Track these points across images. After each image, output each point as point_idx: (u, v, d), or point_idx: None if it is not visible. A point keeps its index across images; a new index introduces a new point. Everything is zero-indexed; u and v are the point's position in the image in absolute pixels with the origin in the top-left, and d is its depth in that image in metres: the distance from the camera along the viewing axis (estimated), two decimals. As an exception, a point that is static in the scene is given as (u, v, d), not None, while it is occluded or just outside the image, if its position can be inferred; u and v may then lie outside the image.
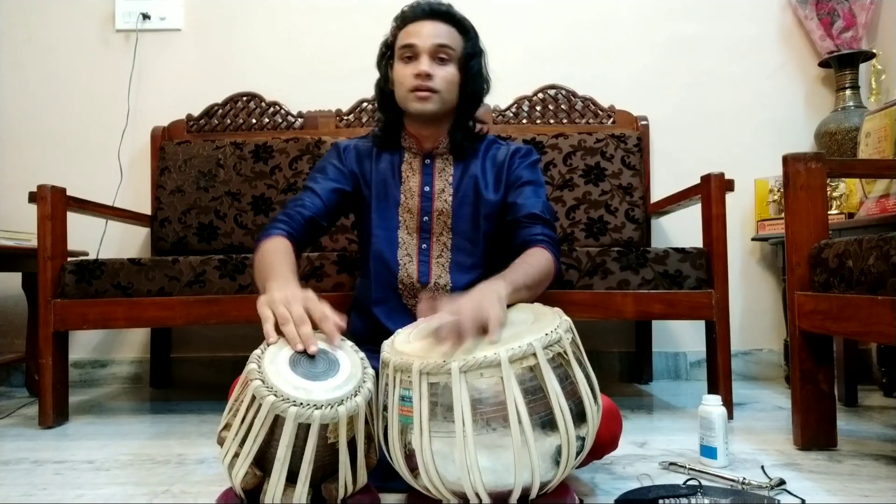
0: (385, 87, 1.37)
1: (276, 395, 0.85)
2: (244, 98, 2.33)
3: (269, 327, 0.95)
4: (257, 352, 0.92)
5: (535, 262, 1.19)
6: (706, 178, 1.69)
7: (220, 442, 0.92)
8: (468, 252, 1.34)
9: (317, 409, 0.85)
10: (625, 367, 2.33)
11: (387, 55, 1.37)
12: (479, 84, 1.36)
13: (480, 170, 1.37)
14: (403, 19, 1.33)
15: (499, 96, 2.27)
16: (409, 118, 1.36)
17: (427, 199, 1.35)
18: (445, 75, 1.30)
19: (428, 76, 1.27)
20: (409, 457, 0.89)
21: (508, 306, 1.03)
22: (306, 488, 0.88)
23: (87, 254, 2.23)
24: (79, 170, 2.35)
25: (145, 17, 2.38)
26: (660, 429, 1.57)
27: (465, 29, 1.34)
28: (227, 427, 0.92)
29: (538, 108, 2.29)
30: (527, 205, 1.31)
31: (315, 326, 0.97)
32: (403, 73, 1.30)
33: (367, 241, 1.37)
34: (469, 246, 1.34)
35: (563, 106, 2.29)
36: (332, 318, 0.98)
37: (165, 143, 2.26)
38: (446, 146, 1.37)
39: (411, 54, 1.29)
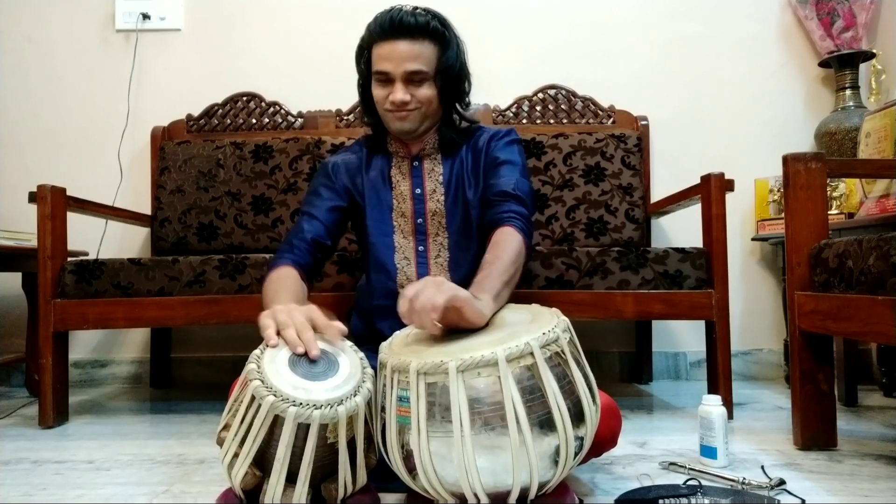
0: (366, 91, 1.34)
1: (275, 395, 0.85)
2: (244, 98, 2.33)
3: (269, 332, 0.95)
4: (256, 352, 0.92)
5: (502, 251, 1.16)
6: (706, 178, 1.69)
7: (220, 442, 0.92)
8: (464, 247, 1.34)
9: (316, 408, 0.85)
10: (625, 367, 2.33)
11: (364, 57, 1.32)
12: (460, 87, 1.34)
13: (466, 163, 1.37)
14: (373, 35, 1.27)
15: (499, 96, 2.28)
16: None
17: (419, 201, 1.35)
18: (422, 96, 1.27)
19: (404, 103, 1.26)
20: (407, 458, 0.89)
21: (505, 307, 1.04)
22: (306, 488, 0.88)
23: (87, 254, 2.23)
24: (79, 170, 2.35)
25: (145, 17, 2.38)
26: (660, 429, 1.57)
27: (438, 36, 1.26)
28: (226, 427, 0.92)
29: (538, 108, 2.29)
30: (498, 183, 1.30)
31: (315, 331, 0.97)
32: (380, 95, 1.28)
33: (367, 249, 1.37)
34: (464, 241, 1.34)
35: (563, 106, 2.29)
36: (336, 326, 0.98)
37: (165, 143, 2.26)
38: (433, 146, 1.37)
39: (385, 79, 1.27)
